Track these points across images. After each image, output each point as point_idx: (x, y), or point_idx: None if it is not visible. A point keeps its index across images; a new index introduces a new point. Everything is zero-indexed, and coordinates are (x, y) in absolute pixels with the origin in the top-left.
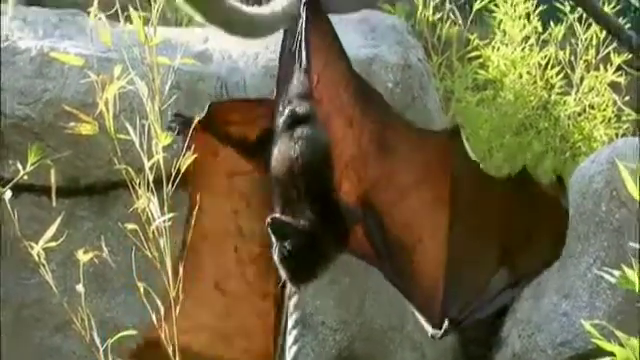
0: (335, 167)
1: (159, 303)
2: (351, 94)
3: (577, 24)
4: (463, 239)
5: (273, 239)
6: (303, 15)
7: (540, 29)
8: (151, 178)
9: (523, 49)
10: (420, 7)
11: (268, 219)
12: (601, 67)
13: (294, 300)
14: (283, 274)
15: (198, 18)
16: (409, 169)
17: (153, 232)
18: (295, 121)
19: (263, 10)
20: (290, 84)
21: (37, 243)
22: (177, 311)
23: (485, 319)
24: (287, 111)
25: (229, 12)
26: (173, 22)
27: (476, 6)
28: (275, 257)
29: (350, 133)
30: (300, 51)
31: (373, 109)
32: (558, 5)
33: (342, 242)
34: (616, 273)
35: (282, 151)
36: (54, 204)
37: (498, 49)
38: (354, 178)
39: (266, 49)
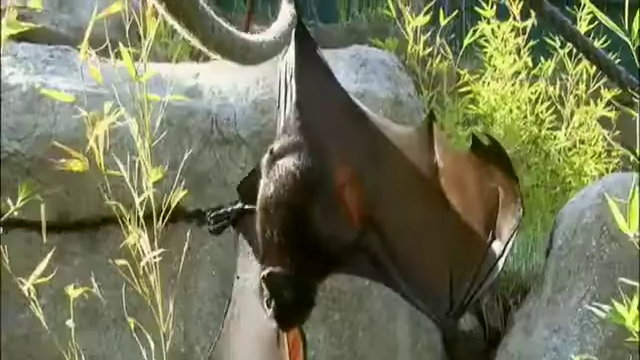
0: (327, 195)
1: (149, 338)
2: (343, 118)
3: (567, 59)
4: (458, 222)
5: (266, 291)
6: (293, 46)
7: (530, 64)
8: (141, 214)
9: (513, 84)
10: (410, 42)
11: (264, 273)
12: (591, 102)
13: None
14: (273, 321)
15: (195, 43)
16: (402, 172)
17: (143, 268)
18: (273, 159)
19: (256, 37)
20: (281, 118)
21: (27, 279)
22: (167, 347)
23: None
24: (268, 150)
25: (224, 36)
26: (163, 58)
27: (466, 41)
28: (266, 307)
29: (345, 155)
30: (290, 83)
31: (363, 125)
32: (548, 40)
33: (326, 275)
34: (606, 308)
35: (261, 192)
36: (44, 240)
37: (488, 84)
38: (352, 198)
39: (256, 84)
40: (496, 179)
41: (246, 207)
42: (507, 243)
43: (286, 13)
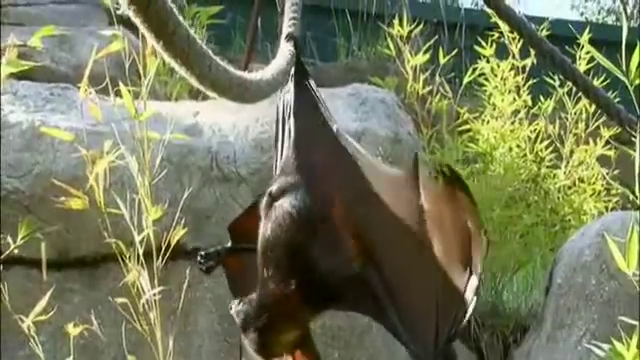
0: (327, 232)
1: None
2: (338, 160)
3: (567, 98)
4: (441, 261)
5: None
6: (291, 85)
7: (530, 103)
8: (141, 251)
9: (513, 122)
10: (410, 80)
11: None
12: (590, 141)
13: None
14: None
15: (193, 81)
16: (392, 212)
17: (143, 305)
18: (272, 201)
19: (253, 76)
20: (279, 158)
21: (27, 316)
22: None
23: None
24: (266, 193)
25: (221, 74)
26: (162, 96)
27: (466, 79)
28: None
29: (339, 195)
30: (288, 122)
31: (355, 166)
32: (547, 79)
33: (321, 311)
34: (606, 347)
35: (260, 234)
36: (45, 277)
37: (488, 122)
38: (351, 234)
39: (256, 122)
40: (464, 211)
41: (236, 246)
42: (480, 274)
43: (285, 51)
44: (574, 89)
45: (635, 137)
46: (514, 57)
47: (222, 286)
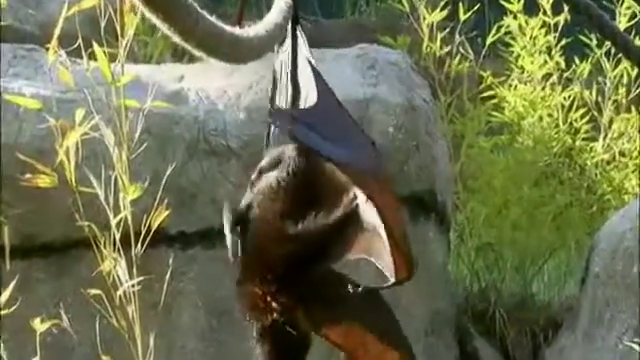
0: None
1: None
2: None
3: (605, 60)
4: None
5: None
6: (289, 43)
7: (563, 65)
8: (118, 236)
9: (544, 88)
10: (426, 40)
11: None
12: (632, 109)
13: None
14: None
15: (176, 39)
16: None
17: (120, 298)
18: (259, 174)
19: (246, 32)
20: (273, 128)
21: None
22: None
23: None
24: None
25: (209, 29)
26: (142, 58)
27: (489, 39)
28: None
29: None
30: (287, 85)
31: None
32: (583, 38)
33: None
34: None
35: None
36: (7, 266)
37: (515, 88)
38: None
39: (249, 89)
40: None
41: None
42: None
43: (281, 4)
44: (613, 49)
45: None
46: (545, 13)
47: (209, 277)
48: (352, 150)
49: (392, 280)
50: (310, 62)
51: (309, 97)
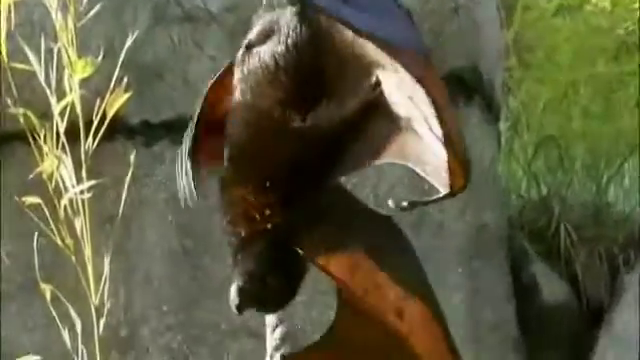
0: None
1: (73, 313)
2: None
3: None
4: None
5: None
6: None
7: None
8: (62, 127)
9: None
10: None
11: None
12: None
13: None
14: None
15: None
16: None
17: (65, 208)
18: (247, 50)
19: None
20: None
21: None
22: (101, 326)
23: None
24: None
25: None
26: None
27: None
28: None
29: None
30: None
31: None
32: None
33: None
34: None
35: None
36: None
37: None
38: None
39: None
40: None
41: None
42: None
43: None
44: None
45: None
46: None
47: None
48: (383, 18)
49: (443, 191)
50: None
51: None
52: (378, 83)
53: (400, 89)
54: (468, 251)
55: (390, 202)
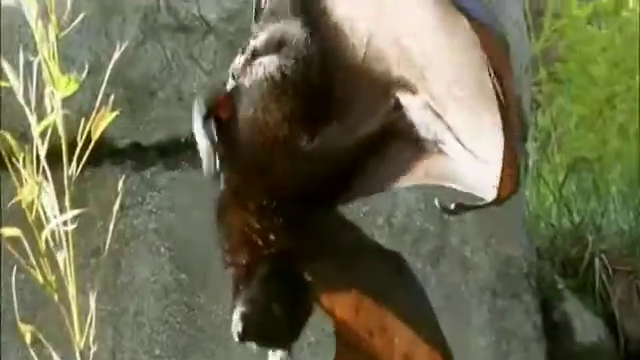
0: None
1: (57, 359)
2: None
3: None
4: None
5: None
6: None
7: None
8: (43, 151)
9: None
10: None
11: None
12: None
13: None
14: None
15: None
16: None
17: (46, 241)
18: (251, 57)
19: None
20: None
21: None
22: None
23: None
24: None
25: None
26: None
27: None
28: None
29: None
30: None
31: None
32: None
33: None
34: None
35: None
36: None
37: None
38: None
39: None
40: None
41: None
42: None
43: None
44: None
45: None
46: None
47: (174, 210)
48: None
49: (489, 197)
50: None
51: None
52: (398, 105)
53: (425, 108)
54: (491, 286)
55: (436, 202)
